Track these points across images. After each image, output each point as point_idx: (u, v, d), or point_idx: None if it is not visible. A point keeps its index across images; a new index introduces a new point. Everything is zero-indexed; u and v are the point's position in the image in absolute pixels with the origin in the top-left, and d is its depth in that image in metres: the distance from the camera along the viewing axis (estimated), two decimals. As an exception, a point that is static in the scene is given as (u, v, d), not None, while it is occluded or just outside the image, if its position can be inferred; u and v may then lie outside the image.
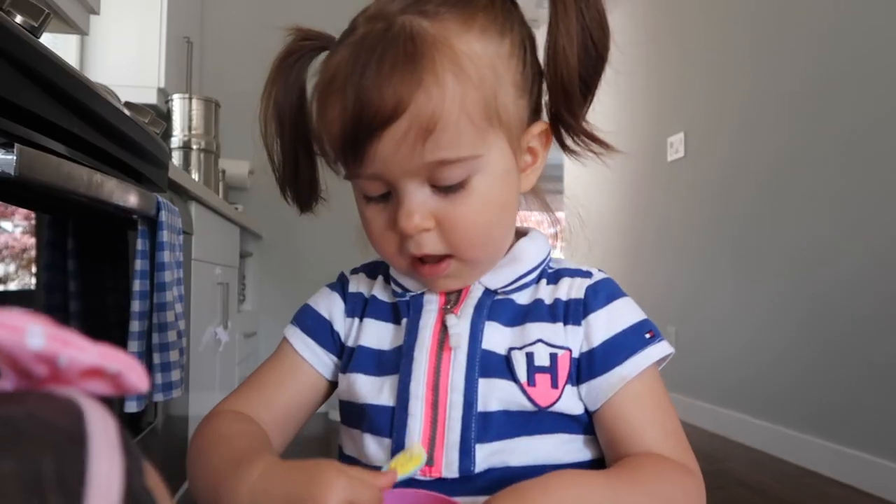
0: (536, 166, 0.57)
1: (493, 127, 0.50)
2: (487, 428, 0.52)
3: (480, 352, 0.54)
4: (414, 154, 0.48)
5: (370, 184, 0.52)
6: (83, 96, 0.85)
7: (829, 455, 2.07)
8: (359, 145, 0.48)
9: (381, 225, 0.53)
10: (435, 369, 0.54)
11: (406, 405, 0.53)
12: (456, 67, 0.47)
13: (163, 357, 1.06)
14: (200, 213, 1.75)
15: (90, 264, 1.07)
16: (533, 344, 0.54)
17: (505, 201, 0.53)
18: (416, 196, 0.50)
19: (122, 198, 0.93)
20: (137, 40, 2.37)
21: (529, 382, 0.53)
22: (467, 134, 0.48)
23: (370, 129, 0.47)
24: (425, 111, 0.46)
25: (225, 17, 3.07)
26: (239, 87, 3.05)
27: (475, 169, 0.50)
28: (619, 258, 3.64)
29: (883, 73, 1.95)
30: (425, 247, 0.52)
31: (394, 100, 0.46)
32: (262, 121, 0.59)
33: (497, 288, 0.57)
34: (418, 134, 0.47)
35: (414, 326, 0.56)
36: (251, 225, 2.65)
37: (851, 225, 2.05)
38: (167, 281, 1.07)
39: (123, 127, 1.00)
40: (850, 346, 2.03)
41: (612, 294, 0.57)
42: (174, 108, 2.38)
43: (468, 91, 0.48)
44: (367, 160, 0.49)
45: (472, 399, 0.53)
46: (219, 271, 2.04)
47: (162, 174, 1.24)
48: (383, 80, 0.46)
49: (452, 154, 0.48)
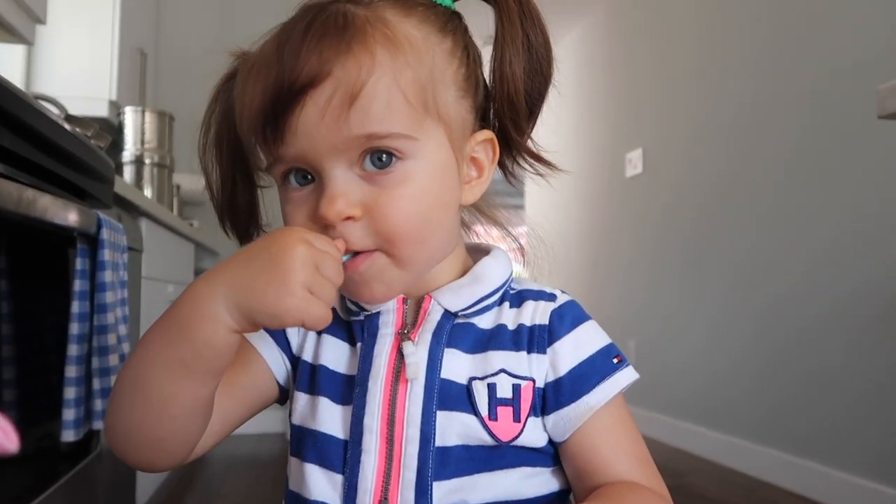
0: (482, 180, 0.54)
1: (430, 116, 0.47)
2: (446, 464, 0.49)
3: (439, 381, 0.50)
4: (340, 124, 0.44)
5: (289, 166, 0.47)
6: (15, 108, 0.81)
7: (782, 466, 2.10)
8: (280, 117, 0.45)
9: (300, 218, 0.48)
10: (390, 401, 0.50)
11: (360, 440, 0.50)
12: (389, 43, 0.45)
13: (103, 382, 1.00)
14: (151, 229, 1.70)
15: (25, 284, 1.01)
16: (495, 374, 0.50)
17: (443, 199, 0.49)
18: (341, 180, 0.46)
19: (57, 215, 0.88)
20: (88, 51, 2.30)
21: (491, 416, 0.49)
22: (400, 111, 0.45)
23: (291, 94, 0.44)
24: (352, 76, 0.44)
25: (181, 29, 3.01)
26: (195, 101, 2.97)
27: (409, 153, 0.46)
28: (579, 272, 3.66)
29: (819, 95, 2.02)
30: (349, 237, 0.46)
31: (318, 63, 0.43)
32: (200, 145, 0.57)
33: (458, 310, 0.53)
34: (343, 100, 0.44)
35: (368, 353, 0.52)
36: (207, 241, 2.58)
37: (794, 236, 2.11)
38: (108, 302, 1.02)
39: (62, 141, 0.95)
40: (798, 353, 2.07)
41: (577, 318, 0.54)
42: (126, 121, 2.31)
43: (401, 68, 0.45)
44: (289, 135, 0.45)
45: (429, 434, 0.49)
46: (171, 289, 1.97)
47: (106, 190, 1.19)
48: (310, 47, 0.44)
49: (382, 128, 0.45)
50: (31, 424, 1.00)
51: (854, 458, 1.87)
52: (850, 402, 1.89)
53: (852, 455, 1.87)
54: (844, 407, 1.91)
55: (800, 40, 2.15)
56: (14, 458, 0.98)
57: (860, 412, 1.86)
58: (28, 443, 0.98)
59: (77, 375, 0.98)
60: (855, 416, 1.87)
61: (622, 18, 3.41)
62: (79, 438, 0.98)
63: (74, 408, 0.97)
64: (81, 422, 0.99)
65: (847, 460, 1.89)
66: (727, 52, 2.53)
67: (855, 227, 1.91)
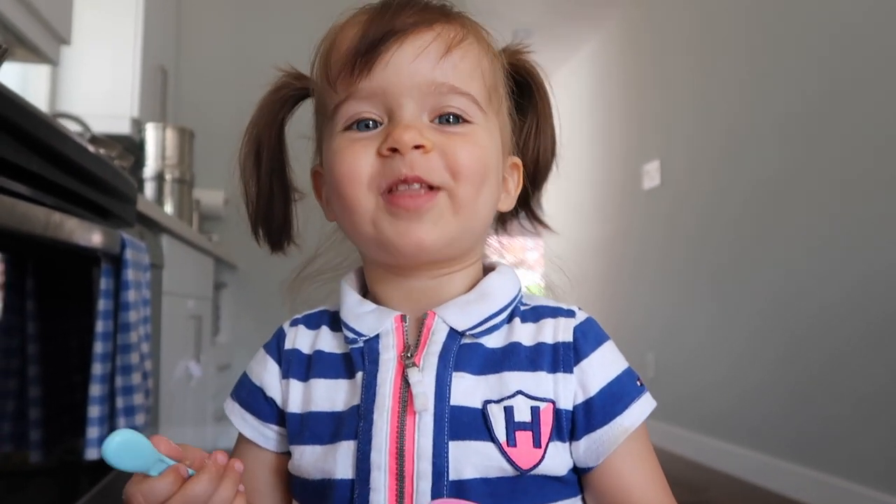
0: (510, 197, 0.58)
1: (492, 107, 0.52)
2: (462, 499, 0.46)
3: (449, 409, 0.47)
4: (431, 67, 0.48)
5: (364, 104, 0.49)
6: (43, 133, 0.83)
7: (809, 483, 2.06)
8: (378, 46, 0.48)
9: (360, 151, 0.48)
10: (398, 434, 0.47)
11: (367, 478, 0.47)
12: (478, 31, 0.53)
13: (126, 401, 1.01)
14: (172, 245, 1.72)
15: (51, 305, 1.03)
16: (512, 397, 0.47)
17: (496, 177, 0.52)
18: (415, 116, 0.49)
19: (83, 237, 0.90)
20: (111, 70, 2.34)
21: (509, 442, 0.46)
22: (479, 83, 0.51)
23: (392, 32, 0.48)
24: (451, 33, 0.50)
25: (201, 47, 3.05)
26: (214, 117, 3.04)
27: (477, 117, 0.50)
28: (596, 284, 3.64)
29: (860, 111, 1.99)
30: (418, 167, 0.46)
31: (425, 14, 0.49)
32: (241, 153, 0.58)
33: (464, 329, 0.50)
34: (440, 48, 0.49)
35: (371, 382, 0.49)
36: (226, 255, 2.60)
37: (831, 256, 2.06)
38: (132, 321, 1.03)
39: (87, 163, 0.97)
40: (829, 374, 2.04)
41: (600, 336, 0.52)
42: (147, 137, 2.34)
43: (485, 52, 0.52)
44: (379, 67, 0.48)
45: (441, 467, 0.46)
46: (191, 304, 1.99)
47: (129, 209, 1.21)
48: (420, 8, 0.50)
49: (463, 86, 0.49)
50: (56, 441, 1.02)
51: (877, 474, 1.83)
52: (876, 420, 1.86)
53: (876, 471, 1.84)
54: (862, 416, 1.88)
55: (815, 42, 2.13)
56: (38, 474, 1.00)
57: (887, 430, 1.82)
58: (52, 459, 1.00)
59: (101, 394, 1.00)
60: (879, 433, 1.84)
61: (636, 31, 3.40)
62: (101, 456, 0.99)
63: (98, 426, 0.98)
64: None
65: (870, 476, 1.85)
66: (740, 59, 2.52)
67: (881, 230, 1.87)
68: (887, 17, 1.86)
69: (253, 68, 2.95)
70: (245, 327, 2.93)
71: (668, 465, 0.52)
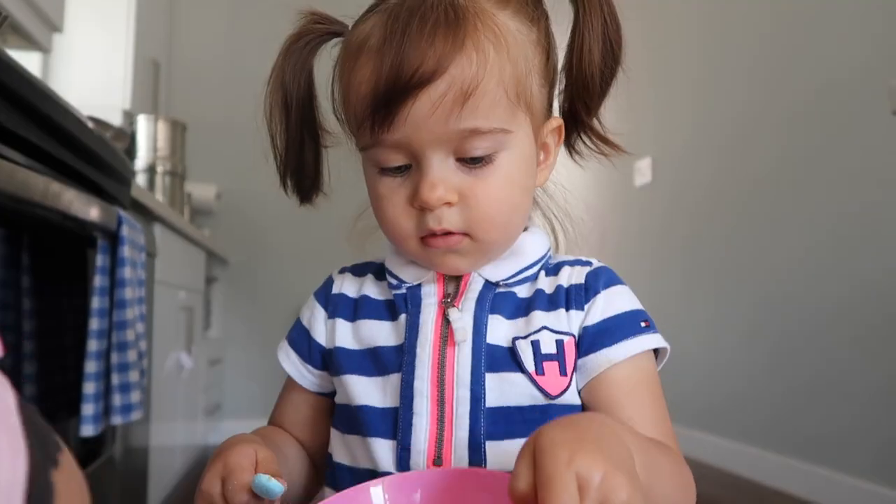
0: (549, 163, 0.58)
1: (520, 107, 0.50)
2: (497, 424, 0.50)
3: (485, 346, 0.52)
4: (448, 119, 0.47)
5: (391, 153, 0.50)
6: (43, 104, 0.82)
7: (800, 477, 2.08)
8: (392, 106, 0.47)
9: (397, 200, 0.51)
10: (439, 365, 0.52)
11: (411, 404, 0.52)
12: (495, 38, 0.48)
13: (122, 377, 1.01)
14: (164, 234, 1.71)
15: (46, 282, 1.02)
16: (538, 332, 0.52)
17: (526, 185, 0.53)
18: (441, 167, 0.49)
19: (81, 209, 0.89)
20: (103, 61, 2.33)
21: (538, 371, 0.51)
22: (501, 106, 0.49)
23: (408, 88, 0.46)
24: (466, 74, 0.46)
25: (193, 40, 3.05)
26: (206, 110, 3.03)
27: (503, 144, 0.50)
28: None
29: (830, 94, 2.02)
30: (445, 221, 0.50)
31: (435, 60, 0.46)
32: (266, 104, 0.57)
33: (499, 280, 0.55)
34: (457, 97, 0.46)
35: (415, 322, 0.54)
36: (218, 249, 2.59)
37: (825, 254, 2.08)
38: (128, 298, 1.03)
39: (85, 139, 0.96)
40: (822, 371, 2.06)
41: (612, 279, 0.56)
42: (139, 129, 2.33)
43: (505, 64, 0.48)
44: (398, 123, 0.47)
45: (479, 394, 0.51)
46: (183, 295, 1.98)
47: (124, 190, 1.21)
48: (425, 40, 0.46)
49: (486, 124, 0.48)
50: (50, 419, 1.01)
51: (864, 463, 1.85)
52: (860, 407, 1.88)
53: (862, 460, 1.86)
54: (853, 412, 1.90)
55: (808, 39, 2.16)
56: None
57: (869, 417, 1.84)
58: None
59: (96, 371, 0.99)
60: (864, 421, 1.86)
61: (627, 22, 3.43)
62: (98, 433, 0.99)
63: (94, 403, 0.97)
64: (100, 417, 0.99)
65: (857, 465, 1.87)
66: (732, 55, 2.54)
67: (874, 229, 1.90)
68: (885, 15, 1.89)
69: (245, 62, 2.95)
70: (236, 322, 2.91)
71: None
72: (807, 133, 2.14)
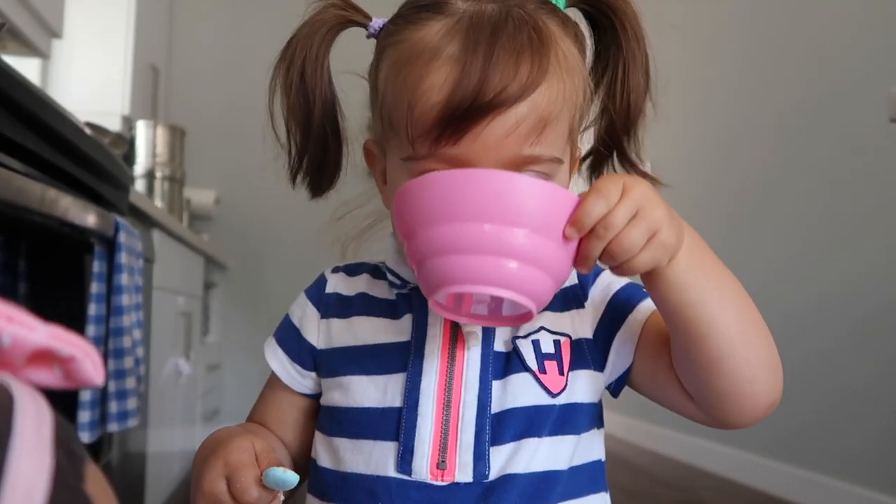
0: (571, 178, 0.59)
1: (570, 138, 0.50)
2: (502, 428, 0.50)
3: (493, 353, 0.52)
4: (521, 145, 0.46)
5: (441, 165, 0.46)
6: (40, 111, 0.82)
7: (796, 482, 2.08)
8: (466, 122, 0.44)
9: None
10: (447, 367, 0.51)
11: (416, 405, 0.50)
12: (568, 67, 0.48)
13: (118, 384, 1.01)
14: (163, 240, 1.70)
15: (43, 288, 1.02)
16: (537, 332, 0.53)
17: None
18: None
19: (77, 216, 0.89)
20: (103, 67, 2.34)
21: (541, 369, 0.51)
22: (562, 137, 0.48)
23: (489, 108, 0.44)
24: (546, 102, 0.46)
25: (193, 46, 3.05)
26: (205, 115, 3.03)
27: (553, 172, 0.49)
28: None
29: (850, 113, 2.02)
30: None
31: (521, 84, 0.44)
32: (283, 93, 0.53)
33: None
34: (535, 125, 0.45)
35: (422, 321, 0.53)
36: (216, 254, 2.59)
37: (816, 254, 2.09)
38: (125, 305, 1.03)
39: (82, 145, 0.97)
40: (815, 372, 2.05)
41: (597, 269, 0.56)
42: (138, 134, 2.33)
43: (572, 94, 0.48)
44: (466, 140, 0.45)
45: (486, 401, 0.50)
46: (181, 301, 1.98)
47: (122, 196, 1.21)
48: (513, 61, 0.44)
49: (548, 152, 0.47)
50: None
51: (868, 474, 1.85)
52: (866, 418, 1.87)
53: (867, 471, 1.85)
54: (859, 423, 1.89)
55: (808, 46, 2.16)
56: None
57: (876, 428, 1.84)
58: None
59: (93, 378, 0.99)
60: (870, 432, 1.86)
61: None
62: (93, 440, 0.98)
63: (90, 410, 0.97)
64: (97, 424, 0.99)
65: (862, 476, 1.87)
66: (730, 61, 2.54)
67: (873, 237, 1.90)
68: (880, 18, 1.90)
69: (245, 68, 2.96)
70: (235, 328, 2.91)
71: (656, 465, 0.54)
72: (805, 140, 2.14)
